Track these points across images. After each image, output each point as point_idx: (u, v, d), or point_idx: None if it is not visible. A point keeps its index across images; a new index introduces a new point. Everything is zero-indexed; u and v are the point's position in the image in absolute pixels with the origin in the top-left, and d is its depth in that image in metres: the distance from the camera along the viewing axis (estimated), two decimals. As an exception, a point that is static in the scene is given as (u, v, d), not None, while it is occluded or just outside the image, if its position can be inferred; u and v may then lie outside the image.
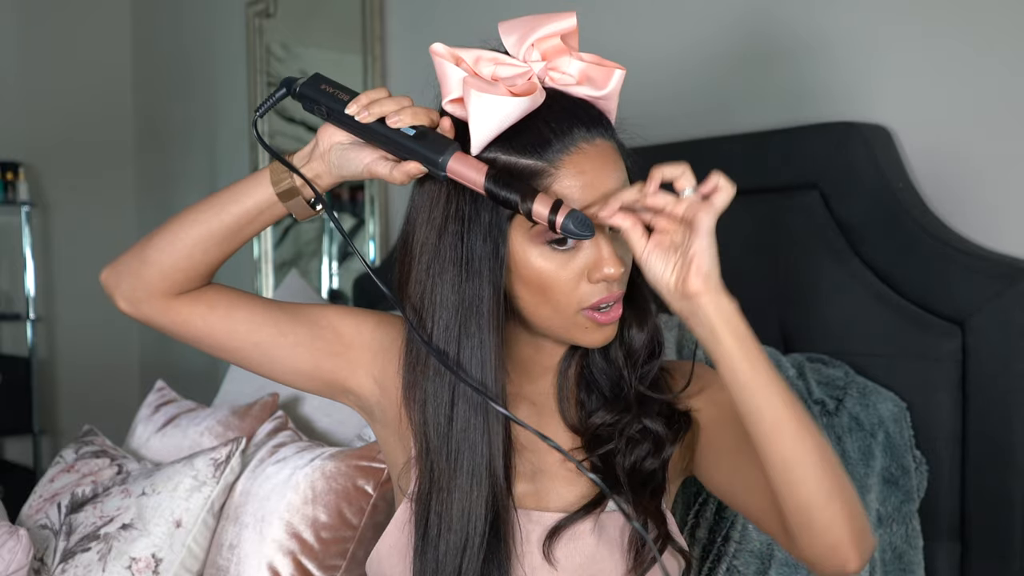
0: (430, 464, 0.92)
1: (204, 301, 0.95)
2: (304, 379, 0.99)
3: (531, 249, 0.88)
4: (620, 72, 0.89)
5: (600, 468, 0.95)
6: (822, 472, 0.80)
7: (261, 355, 0.97)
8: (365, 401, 0.99)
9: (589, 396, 0.99)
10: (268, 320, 0.96)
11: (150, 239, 0.94)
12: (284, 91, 0.91)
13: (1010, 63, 1.33)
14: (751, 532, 1.21)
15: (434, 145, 0.85)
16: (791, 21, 1.59)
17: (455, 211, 0.89)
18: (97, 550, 1.47)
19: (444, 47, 0.88)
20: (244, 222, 0.92)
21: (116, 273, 0.95)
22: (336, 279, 2.96)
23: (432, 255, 0.90)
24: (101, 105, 3.94)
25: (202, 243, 0.92)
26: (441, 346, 0.90)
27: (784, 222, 1.49)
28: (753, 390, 0.81)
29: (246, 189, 0.92)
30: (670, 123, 1.71)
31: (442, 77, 0.88)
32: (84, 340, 3.85)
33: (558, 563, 0.92)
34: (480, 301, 0.88)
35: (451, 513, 0.90)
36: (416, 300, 0.92)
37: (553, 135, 0.87)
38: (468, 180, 0.85)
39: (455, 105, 0.88)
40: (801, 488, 0.81)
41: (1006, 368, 1.26)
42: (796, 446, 0.80)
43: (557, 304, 0.89)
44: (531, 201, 0.83)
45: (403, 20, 2.53)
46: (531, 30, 0.87)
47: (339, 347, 0.98)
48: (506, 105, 0.84)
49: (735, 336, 0.81)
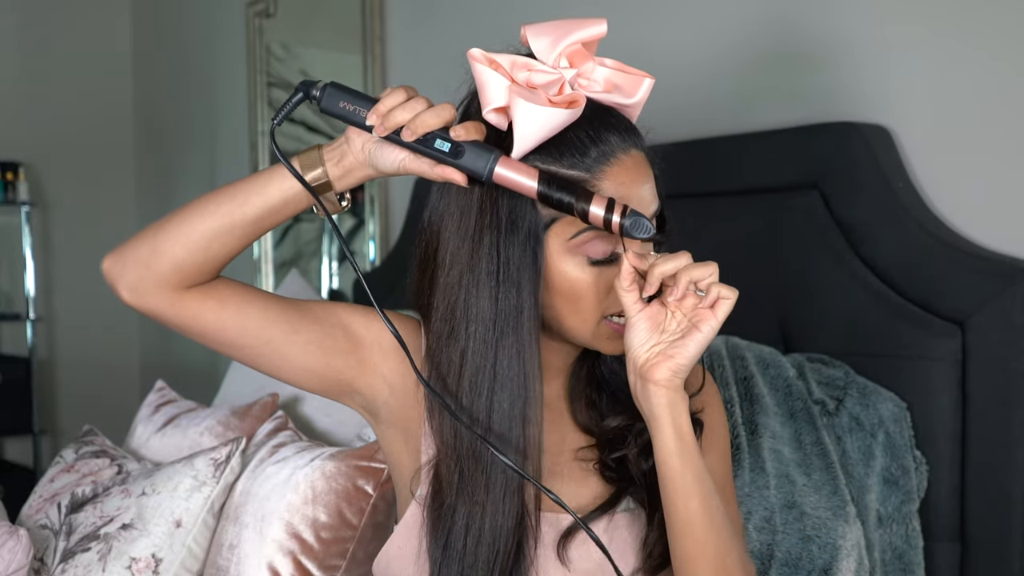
0: (458, 470, 0.90)
1: (215, 296, 0.90)
2: (313, 378, 0.95)
3: (568, 259, 0.88)
4: (649, 81, 0.89)
5: (614, 468, 0.96)
6: (713, 573, 0.88)
7: (272, 353, 0.93)
8: (371, 401, 0.98)
9: (600, 396, 1.00)
10: (280, 317, 0.92)
11: (163, 227, 0.89)
12: (301, 96, 0.88)
13: (1011, 62, 1.33)
14: (751, 532, 1.21)
15: (474, 158, 0.83)
16: (791, 23, 1.59)
17: (490, 221, 0.88)
18: (97, 550, 1.47)
19: (481, 52, 0.86)
20: (266, 213, 0.88)
21: (122, 261, 0.89)
22: (336, 279, 2.96)
23: (466, 265, 0.89)
24: (101, 105, 3.94)
25: (221, 235, 0.88)
26: (477, 358, 0.89)
27: (784, 222, 1.49)
28: (676, 486, 0.87)
29: (270, 180, 0.88)
30: (669, 124, 1.71)
31: (483, 85, 0.86)
32: (84, 340, 3.86)
33: (571, 564, 0.92)
34: (519, 312, 0.88)
35: (483, 525, 0.89)
36: (445, 311, 0.90)
37: (592, 145, 0.87)
38: (516, 185, 0.84)
39: (495, 114, 0.86)
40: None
41: (1006, 368, 1.26)
42: (698, 546, 0.88)
43: (586, 314, 0.90)
44: (587, 202, 0.83)
45: (403, 20, 2.53)
46: (563, 35, 0.86)
47: (349, 345, 0.95)
48: (553, 116, 0.83)
49: (677, 435, 0.86)
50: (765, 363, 1.35)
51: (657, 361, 0.85)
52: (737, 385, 1.32)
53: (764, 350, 1.37)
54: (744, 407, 1.29)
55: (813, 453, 1.27)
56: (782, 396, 1.32)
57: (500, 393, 0.89)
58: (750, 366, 1.34)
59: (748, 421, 1.28)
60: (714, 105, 1.70)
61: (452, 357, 0.90)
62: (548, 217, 0.88)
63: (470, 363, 0.89)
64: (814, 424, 1.29)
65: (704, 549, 0.88)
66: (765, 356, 1.36)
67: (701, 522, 0.87)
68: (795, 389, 1.32)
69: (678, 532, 0.88)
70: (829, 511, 1.23)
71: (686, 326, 0.86)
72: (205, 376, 3.12)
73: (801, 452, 1.27)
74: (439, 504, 0.92)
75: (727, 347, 1.37)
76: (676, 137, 1.68)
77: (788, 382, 1.33)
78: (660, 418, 0.86)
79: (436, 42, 2.42)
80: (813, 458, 1.27)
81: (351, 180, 0.89)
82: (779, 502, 1.22)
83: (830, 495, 1.24)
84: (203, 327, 0.91)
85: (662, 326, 0.86)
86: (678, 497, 0.87)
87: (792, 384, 1.32)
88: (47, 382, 3.84)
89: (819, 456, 1.27)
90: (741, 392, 1.31)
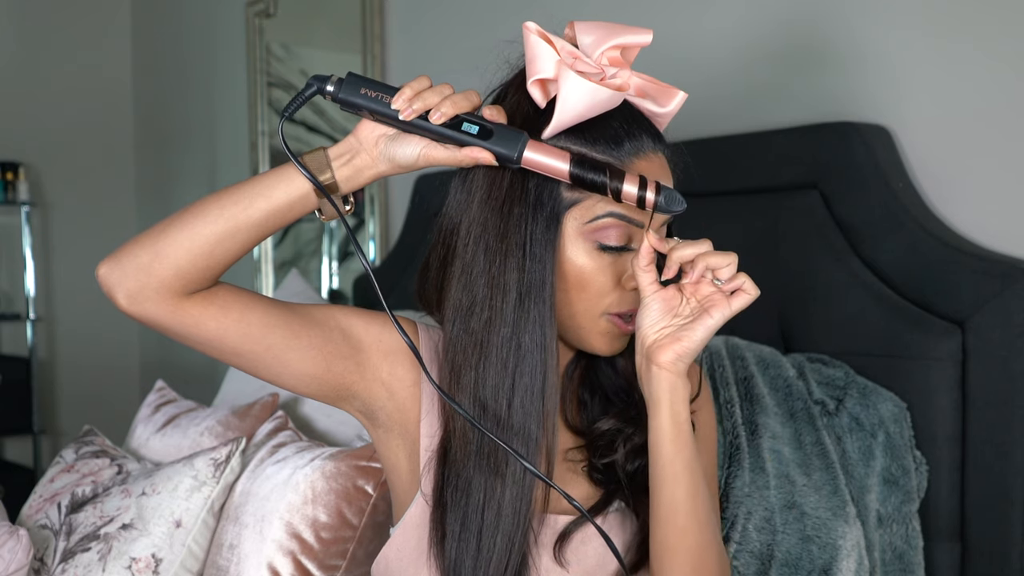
0: (468, 474, 0.90)
1: (216, 302, 0.88)
2: (313, 383, 0.94)
3: (579, 244, 0.89)
4: (682, 95, 0.92)
5: (601, 471, 0.96)
6: (690, 569, 0.88)
7: (272, 359, 0.91)
8: (369, 405, 0.97)
9: (592, 398, 1.00)
10: (280, 322, 0.90)
11: (165, 231, 0.86)
12: (314, 89, 0.86)
13: (1011, 62, 1.34)
14: (751, 532, 1.21)
15: (503, 140, 0.84)
16: (792, 24, 1.59)
17: (520, 194, 0.88)
18: (97, 550, 1.47)
19: (536, 26, 0.87)
20: (271, 216, 0.86)
21: (119, 268, 0.86)
22: (336, 279, 2.96)
23: (494, 236, 0.88)
24: (101, 105, 3.94)
25: (225, 239, 0.85)
26: (506, 329, 0.88)
27: (784, 222, 1.49)
28: (666, 472, 0.88)
29: (276, 182, 0.86)
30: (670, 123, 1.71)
31: (533, 56, 0.86)
32: (84, 340, 3.86)
33: (569, 565, 0.93)
34: (543, 286, 0.88)
35: (503, 498, 0.89)
36: (469, 282, 0.90)
37: (626, 136, 0.89)
38: (546, 168, 0.85)
39: (538, 86, 0.88)
40: (668, 570, 0.89)
41: (1006, 368, 1.26)
42: (678, 535, 0.88)
43: (588, 303, 0.90)
44: (620, 181, 0.84)
45: (403, 20, 2.53)
46: (609, 35, 0.88)
47: (349, 349, 0.94)
48: (598, 93, 0.85)
49: (674, 419, 0.87)
50: (765, 363, 1.35)
51: (664, 343, 0.86)
52: (737, 385, 1.32)
53: (764, 350, 1.37)
54: (744, 407, 1.30)
55: (813, 453, 1.27)
56: (782, 396, 1.32)
57: (523, 365, 0.89)
58: (750, 366, 1.34)
59: (748, 421, 1.28)
60: (714, 105, 1.70)
61: (475, 329, 0.89)
62: (569, 200, 0.89)
63: (496, 335, 0.88)
64: (814, 424, 1.29)
65: (684, 538, 0.88)
66: (765, 356, 1.36)
67: (685, 511, 0.87)
68: (795, 389, 1.32)
69: (661, 519, 0.88)
70: (829, 511, 1.23)
71: (698, 311, 0.86)
72: (205, 376, 3.12)
73: (801, 452, 1.27)
74: (453, 483, 0.91)
75: (727, 347, 1.37)
76: (676, 137, 1.68)
77: (788, 382, 1.33)
78: (660, 401, 0.87)
79: (436, 42, 2.42)
80: (813, 458, 1.27)
81: (360, 180, 0.88)
82: (779, 502, 1.22)
83: (830, 495, 1.24)
84: (205, 335, 0.89)
85: (675, 310, 0.87)
86: (666, 484, 0.88)
87: (792, 384, 1.32)
88: (47, 382, 3.84)
89: (819, 456, 1.27)
90: (741, 392, 1.31)
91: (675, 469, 0.87)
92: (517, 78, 0.93)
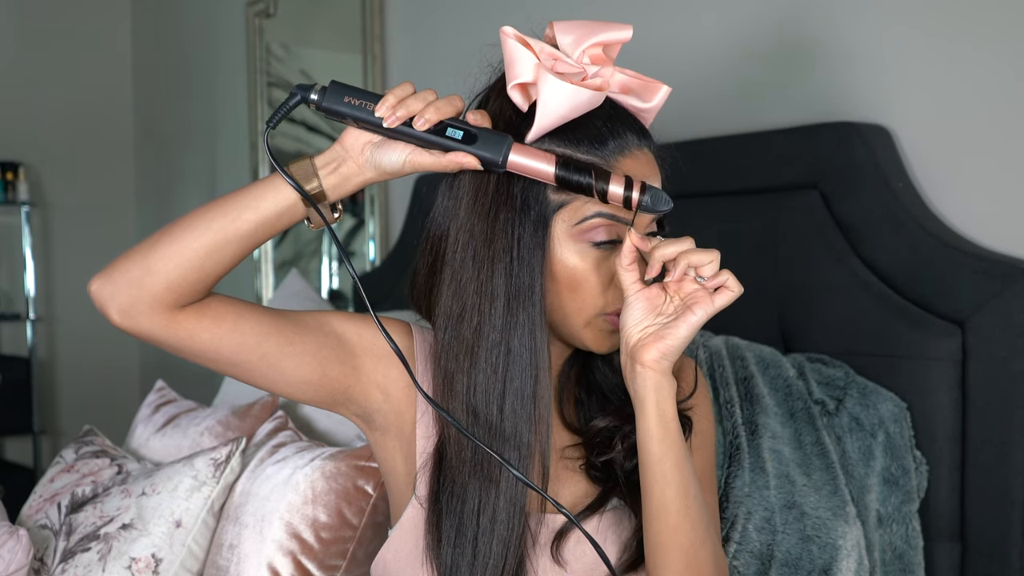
0: (471, 449, 0.90)
1: (209, 314, 0.88)
2: (309, 389, 0.94)
3: (569, 245, 0.89)
4: (666, 89, 0.91)
5: (599, 468, 0.96)
6: (684, 566, 0.88)
7: (267, 367, 0.91)
8: (365, 409, 0.97)
9: (589, 396, 1.00)
10: (273, 330, 0.90)
11: (154, 245, 0.86)
12: (298, 99, 0.87)
13: (1010, 62, 1.33)
14: (751, 532, 1.21)
15: (487, 144, 0.84)
16: (791, 23, 1.59)
17: (506, 199, 0.88)
18: (97, 550, 1.47)
19: (513, 30, 0.87)
20: (260, 227, 0.86)
21: (111, 284, 0.86)
22: (336, 279, 2.96)
23: (480, 243, 0.89)
24: (101, 105, 3.94)
25: (215, 251, 0.85)
26: (495, 334, 0.89)
27: (784, 222, 1.49)
28: (655, 472, 0.87)
29: (264, 193, 0.86)
30: (669, 123, 1.71)
31: (512, 60, 0.87)
32: (84, 340, 3.86)
33: (568, 564, 0.93)
34: (532, 291, 0.88)
35: (497, 503, 0.89)
36: (458, 288, 0.90)
37: (610, 135, 0.89)
38: (532, 171, 0.85)
39: (518, 90, 0.88)
40: (661, 566, 0.88)
41: (1006, 368, 1.26)
42: (669, 533, 0.88)
43: (582, 303, 0.90)
44: (605, 181, 0.84)
45: (403, 20, 2.53)
46: (588, 35, 0.88)
47: (343, 354, 0.94)
48: (578, 94, 0.85)
49: (660, 418, 0.86)
50: (765, 363, 1.35)
51: (648, 342, 0.86)
52: (737, 385, 1.32)
53: (764, 350, 1.37)
54: (744, 407, 1.30)
55: (813, 453, 1.27)
56: (782, 396, 1.32)
57: (513, 369, 0.89)
58: (750, 366, 1.34)
59: (748, 421, 1.28)
60: (714, 105, 1.70)
61: (465, 336, 0.90)
62: (556, 203, 0.89)
63: (485, 340, 0.89)
64: (814, 424, 1.29)
65: (676, 536, 0.88)
66: (765, 356, 1.36)
67: (676, 509, 0.87)
68: (795, 389, 1.32)
69: (652, 517, 0.88)
70: (829, 511, 1.23)
71: (681, 309, 0.86)
72: (205, 376, 3.11)
73: (801, 452, 1.27)
74: (448, 488, 0.91)
75: (727, 347, 1.37)
76: (676, 137, 1.68)
77: (788, 382, 1.33)
78: (645, 401, 0.86)
79: (436, 42, 2.42)
80: (813, 458, 1.27)
81: (347, 188, 0.88)
82: (779, 502, 1.22)
83: (830, 495, 1.24)
84: (200, 346, 0.89)
85: (659, 309, 0.87)
86: (655, 483, 0.87)
87: (792, 384, 1.32)
88: (47, 382, 3.84)
89: (819, 456, 1.27)
90: (741, 392, 1.31)
91: (664, 468, 0.87)
92: (498, 83, 0.93)
